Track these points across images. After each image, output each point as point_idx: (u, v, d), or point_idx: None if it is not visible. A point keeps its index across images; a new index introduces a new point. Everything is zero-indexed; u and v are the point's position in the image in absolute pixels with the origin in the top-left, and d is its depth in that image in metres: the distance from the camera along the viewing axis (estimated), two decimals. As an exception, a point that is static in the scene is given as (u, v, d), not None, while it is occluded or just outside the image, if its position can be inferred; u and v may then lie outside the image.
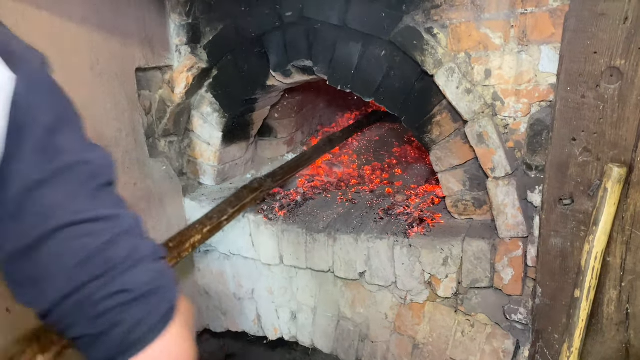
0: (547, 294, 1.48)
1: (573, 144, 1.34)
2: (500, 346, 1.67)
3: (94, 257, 0.59)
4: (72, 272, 0.59)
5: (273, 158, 2.56)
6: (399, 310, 1.84)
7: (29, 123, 0.57)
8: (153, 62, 1.99)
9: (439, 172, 1.75)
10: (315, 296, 2.02)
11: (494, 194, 1.59)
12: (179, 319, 0.65)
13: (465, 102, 1.56)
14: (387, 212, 1.98)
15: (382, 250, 1.79)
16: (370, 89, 1.76)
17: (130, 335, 0.61)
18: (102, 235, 0.60)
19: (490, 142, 1.55)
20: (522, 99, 1.52)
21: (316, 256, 1.93)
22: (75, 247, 0.59)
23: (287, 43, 1.87)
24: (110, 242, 0.60)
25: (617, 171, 1.24)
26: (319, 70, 1.84)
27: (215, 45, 2.02)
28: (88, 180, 0.61)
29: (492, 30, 1.50)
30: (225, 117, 2.12)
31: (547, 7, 1.41)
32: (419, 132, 1.72)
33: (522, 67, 1.49)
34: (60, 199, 0.59)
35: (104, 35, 1.72)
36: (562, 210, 1.40)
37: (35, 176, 0.58)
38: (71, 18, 1.61)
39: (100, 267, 0.59)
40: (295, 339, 2.14)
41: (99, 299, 0.59)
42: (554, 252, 1.44)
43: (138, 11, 1.89)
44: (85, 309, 0.59)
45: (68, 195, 0.59)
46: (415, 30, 1.59)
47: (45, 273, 0.59)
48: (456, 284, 1.71)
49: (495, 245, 1.63)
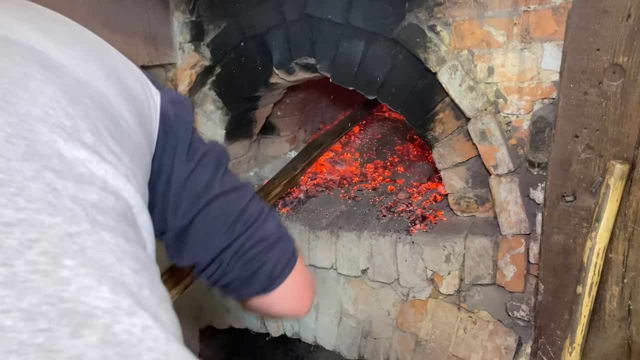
0: (549, 291, 1.49)
1: (575, 141, 1.34)
2: (502, 343, 1.67)
3: (241, 217, 0.77)
4: (227, 230, 0.76)
5: (276, 156, 2.56)
6: (402, 307, 1.85)
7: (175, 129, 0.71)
8: (157, 60, 2.00)
9: (441, 169, 1.75)
10: (317, 293, 2.03)
11: (496, 191, 1.60)
12: (300, 261, 0.84)
13: (468, 99, 1.56)
14: (389, 210, 1.98)
15: (385, 247, 1.80)
16: (373, 86, 1.76)
17: (274, 271, 0.79)
18: (242, 200, 0.78)
19: (493, 139, 1.56)
20: (524, 97, 1.53)
21: (319, 253, 1.94)
22: (227, 211, 0.76)
23: (290, 41, 1.88)
24: (248, 204, 0.78)
25: (619, 168, 1.24)
26: (322, 68, 1.85)
27: (219, 43, 2.02)
28: (218, 163, 0.78)
29: (495, 27, 1.51)
30: (228, 115, 2.13)
31: (549, 5, 1.42)
32: (422, 129, 1.72)
33: (524, 64, 1.49)
34: (207, 178, 0.75)
35: (108, 32, 1.73)
36: (565, 207, 1.40)
37: (189, 168, 0.73)
38: (75, 16, 1.61)
39: (246, 223, 0.77)
40: (298, 336, 2.15)
41: (248, 247, 0.77)
42: (556, 249, 1.45)
43: (142, 9, 1.90)
44: (239, 256, 0.77)
45: (211, 175, 0.76)
46: (418, 28, 1.60)
47: (205, 235, 0.76)
48: (458, 280, 1.71)
49: (497, 242, 1.63)
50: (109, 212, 0.49)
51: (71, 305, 0.40)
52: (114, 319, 0.41)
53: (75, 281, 0.41)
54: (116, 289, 0.44)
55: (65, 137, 0.49)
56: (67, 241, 0.43)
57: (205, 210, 0.75)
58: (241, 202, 0.78)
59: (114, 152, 0.55)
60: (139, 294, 0.46)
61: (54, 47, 0.56)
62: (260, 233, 0.78)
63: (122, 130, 0.58)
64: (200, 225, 0.75)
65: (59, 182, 0.46)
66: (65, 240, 0.43)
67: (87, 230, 0.45)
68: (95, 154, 0.51)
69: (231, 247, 0.77)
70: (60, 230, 0.43)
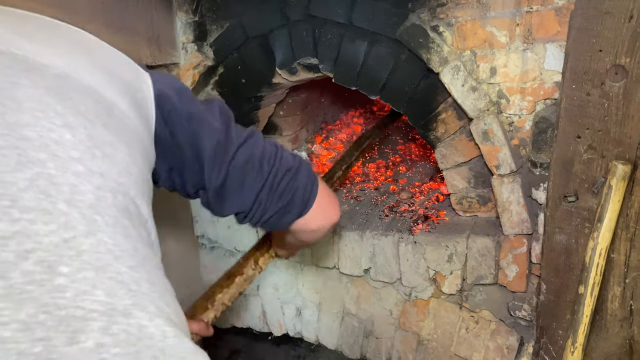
0: (551, 291, 1.50)
1: (578, 141, 1.35)
2: (504, 342, 1.68)
3: (263, 158, 0.84)
4: (256, 174, 0.83)
5: (278, 155, 2.57)
6: (404, 306, 1.86)
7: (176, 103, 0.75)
8: (160, 60, 2.00)
9: (443, 169, 1.76)
10: (320, 292, 2.04)
11: (498, 191, 1.60)
12: (320, 178, 0.94)
13: (470, 99, 1.57)
14: (391, 209, 1.99)
15: (387, 247, 1.81)
16: (376, 86, 1.77)
17: (306, 193, 0.89)
18: (258, 144, 0.85)
19: (495, 139, 1.56)
20: (527, 97, 1.53)
21: (321, 252, 1.95)
22: (250, 157, 0.83)
23: (293, 41, 1.88)
24: (264, 146, 0.86)
25: (621, 168, 1.25)
26: (325, 68, 1.86)
27: (222, 43, 2.03)
28: (227, 118, 0.84)
29: (498, 28, 1.51)
30: (231, 115, 2.14)
31: (552, 6, 1.42)
32: (424, 129, 1.73)
33: (527, 65, 1.50)
34: (224, 135, 0.80)
35: (111, 33, 1.74)
36: (567, 207, 1.41)
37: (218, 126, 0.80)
38: (78, 16, 1.62)
39: (270, 161, 0.85)
40: (300, 335, 2.16)
41: (278, 181, 0.85)
42: (559, 249, 1.45)
43: (145, 9, 1.90)
44: (273, 191, 0.85)
45: (227, 131, 0.81)
46: (421, 28, 1.60)
47: (240, 185, 0.83)
48: (460, 280, 1.72)
49: (499, 242, 1.64)
50: (107, 210, 0.50)
51: (68, 312, 0.40)
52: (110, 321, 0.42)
53: (71, 287, 0.42)
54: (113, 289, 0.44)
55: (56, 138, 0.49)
56: (63, 247, 0.43)
57: (233, 164, 0.81)
58: (259, 146, 0.85)
59: (110, 143, 0.55)
60: (138, 290, 0.47)
61: (35, 49, 0.56)
62: (283, 165, 0.86)
63: (117, 119, 0.59)
64: (233, 178, 0.82)
65: (53, 188, 0.46)
66: (60, 247, 0.43)
67: (84, 232, 0.46)
68: (89, 150, 0.51)
69: (265, 186, 0.85)
70: (55, 238, 0.44)
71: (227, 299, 1.28)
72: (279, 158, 0.87)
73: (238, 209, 0.87)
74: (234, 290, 1.29)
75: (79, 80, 0.57)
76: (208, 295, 1.28)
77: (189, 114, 0.77)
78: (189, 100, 0.79)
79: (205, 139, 0.78)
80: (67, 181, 0.47)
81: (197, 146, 0.78)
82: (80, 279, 0.43)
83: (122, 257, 0.48)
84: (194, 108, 0.79)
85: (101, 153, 0.53)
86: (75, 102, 0.54)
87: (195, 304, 1.26)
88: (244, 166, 0.82)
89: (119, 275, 0.46)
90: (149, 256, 0.53)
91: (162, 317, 0.47)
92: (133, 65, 0.71)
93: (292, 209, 0.88)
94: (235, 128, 0.84)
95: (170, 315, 0.49)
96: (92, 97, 0.57)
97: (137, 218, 0.55)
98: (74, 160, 0.49)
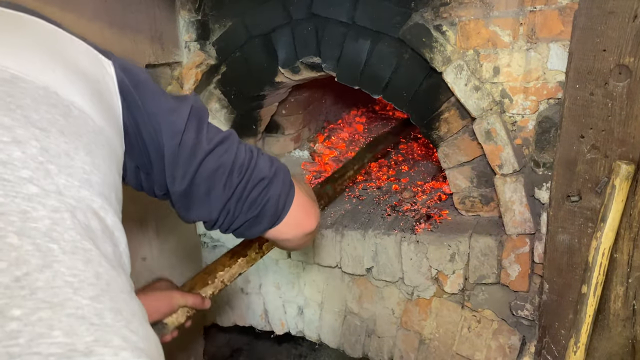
0: (554, 290, 1.50)
1: (581, 141, 1.35)
2: (506, 342, 1.68)
3: (234, 166, 0.79)
4: (225, 184, 0.79)
5: (280, 154, 2.57)
6: (406, 305, 1.86)
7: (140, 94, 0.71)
8: (162, 59, 2.00)
9: (446, 168, 1.76)
10: (322, 291, 2.04)
11: (501, 191, 1.60)
12: (297, 185, 0.89)
13: (473, 99, 1.57)
14: (394, 209, 1.99)
15: (390, 246, 1.81)
16: (379, 85, 1.77)
17: (279, 204, 0.84)
18: (231, 150, 0.80)
19: (498, 139, 1.56)
20: (530, 97, 1.53)
21: (323, 251, 1.95)
22: (220, 165, 0.78)
23: (296, 40, 1.88)
24: (237, 152, 0.80)
25: (625, 168, 1.25)
26: (328, 67, 1.85)
27: (224, 41, 2.03)
28: (200, 120, 0.78)
29: (501, 27, 1.51)
30: (233, 114, 2.14)
31: (556, 5, 1.42)
32: (427, 129, 1.73)
33: (530, 64, 1.50)
34: (193, 138, 0.76)
35: (114, 31, 1.74)
36: (570, 207, 1.41)
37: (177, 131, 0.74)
38: (82, 14, 1.62)
39: (241, 170, 0.80)
40: (302, 334, 2.16)
41: (249, 192, 0.81)
42: (561, 249, 1.45)
43: (148, 8, 1.90)
44: (242, 202, 0.81)
45: (197, 134, 0.77)
46: (424, 28, 1.60)
47: (206, 194, 0.79)
48: (463, 280, 1.72)
49: (502, 241, 1.64)
50: (65, 235, 0.45)
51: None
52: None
53: (25, 332, 0.38)
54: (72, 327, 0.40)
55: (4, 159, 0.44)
56: (15, 287, 0.39)
57: (200, 171, 0.77)
58: (231, 153, 0.80)
59: (67, 152, 0.50)
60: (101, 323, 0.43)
61: None
62: (256, 175, 0.82)
63: (76, 120, 0.55)
64: (199, 185, 0.78)
65: (1, 219, 0.42)
66: (12, 287, 0.39)
67: (38, 267, 0.42)
68: (43, 166, 0.47)
69: (233, 196, 0.80)
70: (6, 277, 0.40)
71: (227, 277, 1.27)
72: (251, 167, 0.82)
73: (204, 218, 0.83)
74: (235, 270, 1.28)
75: (32, 82, 0.53)
76: (210, 270, 1.27)
77: (150, 108, 0.72)
78: (152, 93, 0.74)
79: (166, 137, 0.73)
80: (17, 208, 0.43)
81: (159, 144, 0.74)
82: (35, 320, 0.39)
83: (82, 287, 0.43)
84: (157, 102, 0.74)
85: (57, 167, 0.48)
86: (26, 111, 0.49)
87: (196, 278, 1.26)
88: (211, 175, 0.78)
89: (78, 310, 0.42)
90: (114, 279, 0.48)
91: (128, 348, 0.43)
92: (93, 53, 0.66)
93: (263, 220, 0.85)
94: (206, 130, 0.79)
95: (138, 343, 0.45)
96: (46, 101, 0.52)
97: (102, 234, 0.51)
98: (25, 181, 0.45)
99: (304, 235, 0.93)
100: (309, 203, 0.93)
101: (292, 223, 0.88)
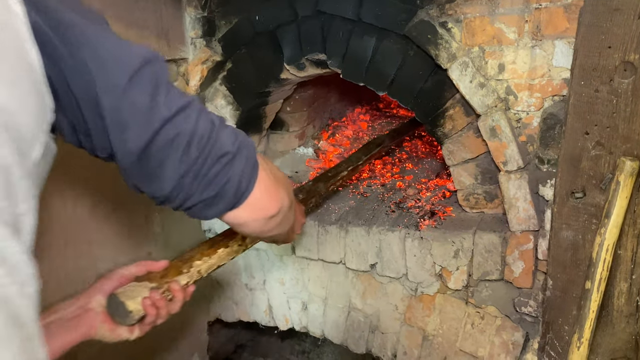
0: (557, 286, 1.50)
1: (586, 137, 1.35)
2: (509, 338, 1.69)
3: (193, 138, 0.70)
4: (181, 157, 0.70)
5: (285, 151, 2.58)
6: (410, 301, 1.87)
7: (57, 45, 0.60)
8: (169, 55, 2.01)
9: (451, 165, 1.77)
10: (326, 287, 2.05)
11: (505, 188, 1.61)
12: (262, 164, 0.81)
13: (478, 96, 1.58)
14: (398, 205, 2.00)
15: (394, 243, 1.82)
16: (384, 82, 1.78)
17: (241, 184, 0.76)
18: (190, 120, 0.71)
19: (503, 135, 1.57)
20: (535, 93, 1.53)
21: (328, 247, 1.96)
22: (178, 135, 0.69)
23: (302, 37, 1.89)
24: (197, 123, 0.71)
25: (629, 165, 1.25)
26: (333, 64, 1.86)
27: (230, 38, 2.04)
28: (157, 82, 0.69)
29: (506, 24, 1.52)
30: (238, 110, 2.15)
31: (561, 2, 1.43)
32: (432, 125, 1.74)
33: (535, 61, 1.50)
34: (147, 101, 0.66)
35: (121, 28, 1.75)
36: (574, 204, 1.41)
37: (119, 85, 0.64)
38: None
39: (200, 143, 0.71)
40: (306, 330, 2.17)
41: (208, 168, 0.72)
42: (565, 245, 1.46)
43: (155, 4, 1.91)
44: (200, 179, 0.73)
45: (152, 97, 0.67)
46: (429, 25, 1.61)
47: (160, 166, 0.70)
48: (467, 276, 1.73)
49: (506, 238, 1.65)
50: None
51: None
52: None
53: None
54: None
55: None
56: None
57: (156, 140, 0.68)
58: (190, 122, 0.71)
59: None
60: None
61: None
62: (217, 150, 0.73)
63: None
64: (152, 156, 0.69)
65: None
66: None
67: None
68: None
69: (190, 172, 0.72)
70: None
71: (204, 268, 1.17)
72: (212, 140, 0.73)
73: (153, 192, 0.75)
74: (214, 261, 1.19)
75: None
76: (185, 259, 1.16)
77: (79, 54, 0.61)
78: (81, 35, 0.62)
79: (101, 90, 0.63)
80: None
81: (95, 100, 0.63)
82: None
83: None
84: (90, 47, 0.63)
85: None
86: None
87: (170, 266, 1.13)
88: (167, 145, 0.69)
89: None
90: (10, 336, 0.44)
91: None
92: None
93: (221, 200, 0.76)
94: (166, 94, 0.69)
95: None
96: None
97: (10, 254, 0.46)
98: None
99: (266, 219, 0.85)
100: (273, 185, 0.84)
101: (253, 207, 0.80)
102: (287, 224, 0.98)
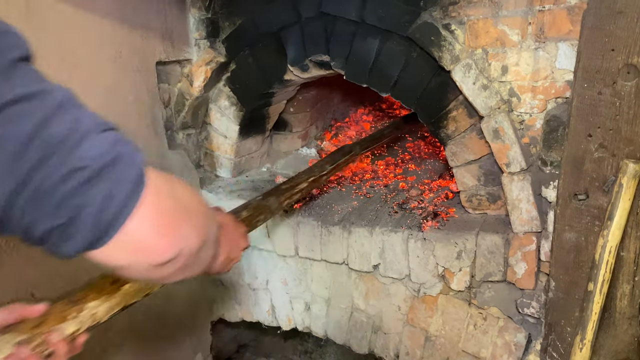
0: (560, 288, 1.51)
1: (589, 140, 1.36)
2: (512, 339, 1.69)
3: (34, 139, 0.51)
4: (12, 165, 0.50)
5: (288, 152, 2.59)
6: (412, 302, 1.87)
7: None
8: (173, 56, 2.02)
9: (454, 167, 1.77)
10: (329, 288, 2.05)
11: (508, 189, 1.61)
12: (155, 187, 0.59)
13: (481, 97, 1.58)
14: (401, 206, 2.00)
15: (397, 243, 1.82)
16: (387, 84, 1.78)
17: (103, 214, 0.54)
18: (32, 116, 0.51)
19: (506, 137, 1.57)
20: (538, 95, 1.54)
21: (331, 248, 1.96)
22: (13, 130, 0.50)
23: (305, 38, 1.90)
24: (44, 121, 0.52)
25: (632, 167, 1.26)
26: (336, 65, 1.87)
27: (234, 39, 2.05)
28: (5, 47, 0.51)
29: (510, 27, 1.52)
30: (242, 111, 2.16)
31: (564, 5, 1.43)
32: (435, 127, 1.74)
33: (538, 63, 1.51)
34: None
35: (126, 29, 1.76)
36: (577, 205, 1.41)
37: None
38: (95, 12, 1.65)
39: (40, 150, 0.51)
40: (309, 330, 2.18)
41: (52, 185, 0.52)
42: (568, 247, 1.46)
43: (159, 5, 1.92)
44: (41, 199, 0.52)
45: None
46: (432, 27, 1.61)
47: None
48: (469, 277, 1.73)
49: (508, 239, 1.65)
50: None
51: None
52: None
53: None
54: None
55: None
56: None
57: None
58: (34, 118, 0.51)
59: None
60: None
61: None
62: (72, 160, 0.53)
63: None
64: None
65: None
66: None
67: None
68: None
69: (23, 188, 0.52)
70: None
71: (103, 311, 0.88)
72: (67, 148, 0.53)
73: None
74: (118, 300, 0.91)
75: None
76: (75, 299, 0.87)
77: None
78: None
79: None
80: None
81: None
82: None
83: None
84: None
85: None
86: None
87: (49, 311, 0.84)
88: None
89: None
90: None
91: None
92: None
93: (77, 232, 0.54)
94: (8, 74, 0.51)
95: None
96: None
97: None
98: None
99: (152, 266, 0.61)
100: (170, 218, 0.61)
101: (129, 245, 0.58)
102: (200, 265, 0.73)
